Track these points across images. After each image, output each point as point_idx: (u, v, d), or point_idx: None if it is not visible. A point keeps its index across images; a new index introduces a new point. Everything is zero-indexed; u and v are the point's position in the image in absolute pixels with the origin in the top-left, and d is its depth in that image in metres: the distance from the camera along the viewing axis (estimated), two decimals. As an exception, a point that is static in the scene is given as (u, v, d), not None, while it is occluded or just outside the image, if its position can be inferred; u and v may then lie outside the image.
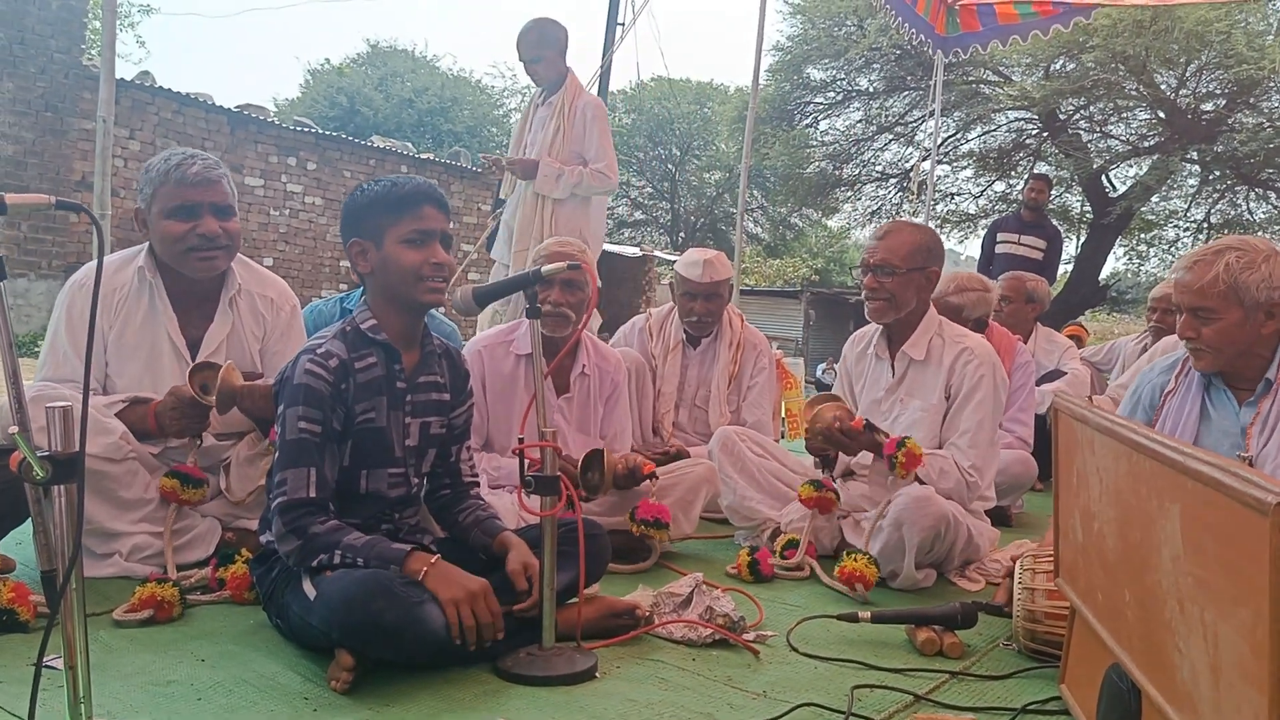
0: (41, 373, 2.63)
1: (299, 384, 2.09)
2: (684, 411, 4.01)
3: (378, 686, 1.92)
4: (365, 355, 2.18)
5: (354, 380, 2.15)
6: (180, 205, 2.59)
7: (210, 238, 2.61)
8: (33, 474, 1.39)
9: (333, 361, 2.11)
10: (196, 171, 2.60)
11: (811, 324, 25.82)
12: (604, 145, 4.75)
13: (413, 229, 2.15)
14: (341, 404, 2.13)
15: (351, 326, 2.21)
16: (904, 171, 20.82)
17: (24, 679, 1.81)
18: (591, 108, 4.75)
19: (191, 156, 2.64)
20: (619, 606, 2.35)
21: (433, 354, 2.33)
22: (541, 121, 4.83)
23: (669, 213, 37.12)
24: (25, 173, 11.26)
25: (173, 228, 2.60)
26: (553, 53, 4.72)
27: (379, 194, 2.17)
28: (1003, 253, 7.49)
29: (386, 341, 2.21)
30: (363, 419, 2.17)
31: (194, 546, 2.63)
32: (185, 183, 2.59)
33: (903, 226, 3.16)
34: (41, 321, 11.29)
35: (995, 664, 2.32)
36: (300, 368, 2.10)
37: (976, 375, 3.03)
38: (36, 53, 11.28)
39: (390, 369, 2.22)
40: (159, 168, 2.61)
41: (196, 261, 2.64)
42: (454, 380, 2.39)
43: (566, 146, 4.71)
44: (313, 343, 2.17)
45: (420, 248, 2.15)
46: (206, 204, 2.61)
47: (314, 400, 2.08)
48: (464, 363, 2.45)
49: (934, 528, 2.80)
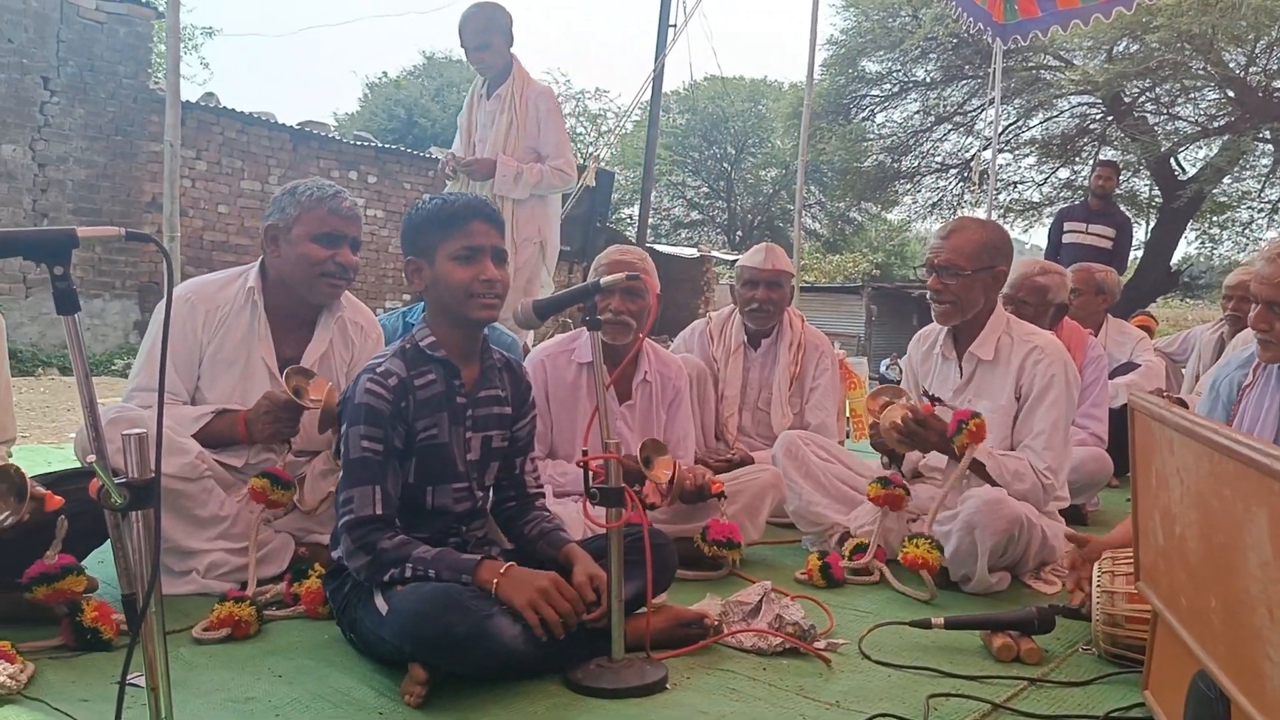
0: (134, 381, 2.74)
1: (360, 403, 2.12)
2: (747, 414, 3.99)
3: (451, 700, 1.94)
4: (425, 372, 2.20)
5: (414, 398, 2.17)
6: (328, 232, 2.72)
7: (345, 267, 2.76)
8: (111, 500, 1.43)
9: (392, 380, 2.14)
10: (348, 206, 2.79)
11: (874, 319, 25.53)
12: (560, 139, 4.53)
13: (462, 245, 2.16)
14: (402, 421, 2.15)
15: (410, 344, 2.23)
16: (964, 161, 20.50)
17: (108, 696, 1.87)
18: (544, 98, 4.53)
19: (343, 192, 2.81)
20: (687, 616, 2.34)
21: (493, 367, 2.35)
22: (490, 116, 4.56)
23: (725, 212, 37.03)
24: (98, 195, 11.60)
25: (315, 251, 2.71)
26: (500, 40, 4.48)
27: (430, 212, 2.19)
28: (1070, 242, 7.32)
29: (445, 358, 2.22)
30: (424, 436, 2.19)
31: (269, 561, 2.68)
32: (338, 213, 2.75)
33: (968, 224, 3.09)
34: (117, 340, 11.63)
35: (1075, 670, 2.26)
36: (360, 387, 2.13)
37: (1048, 374, 2.96)
38: (105, 79, 11.61)
39: (450, 385, 2.24)
40: (312, 193, 2.74)
41: (326, 286, 2.76)
42: (515, 393, 2.40)
43: (521, 142, 4.48)
44: (372, 362, 2.20)
45: (470, 264, 2.16)
46: (349, 236, 2.77)
47: (374, 419, 2.11)
48: (525, 375, 2.46)
49: (1007, 531, 2.74)
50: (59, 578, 2.12)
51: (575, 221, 9.63)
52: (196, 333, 2.72)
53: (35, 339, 10.86)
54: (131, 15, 11.88)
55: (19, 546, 2.12)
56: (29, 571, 2.11)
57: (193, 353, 2.72)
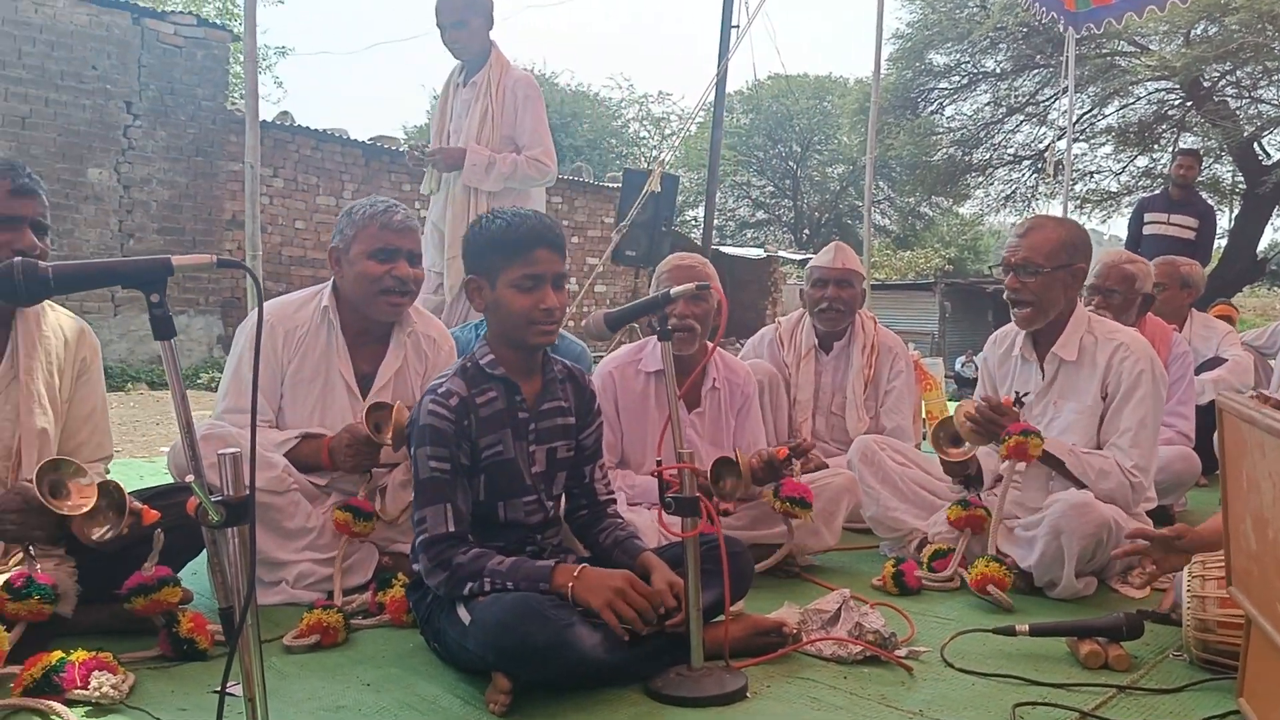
0: (223, 404, 2.82)
1: (424, 425, 2.16)
2: (820, 419, 3.96)
3: (534, 708, 1.96)
4: (486, 390, 2.24)
5: (476, 416, 2.20)
6: (382, 248, 2.75)
7: (403, 280, 2.78)
8: (208, 518, 1.49)
9: (453, 400, 2.17)
10: (400, 219, 2.79)
11: (948, 316, 25.11)
12: (539, 129, 4.22)
13: (524, 273, 2.17)
14: (466, 439, 2.19)
15: (471, 362, 2.26)
16: (1038, 152, 20.06)
17: (205, 705, 1.94)
18: (523, 85, 4.23)
19: (395, 205, 2.83)
20: (765, 624, 2.34)
21: (554, 380, 2.37)
22: (465, 105, 4.27)
23: (792, 210, 36.78)
24: (181, 215, 11.98)
25: (372, 268, 2.75)
26: (479, 20, 4.19)
27: (495, 234, 2.19)
28: (1151, 234, 7.12)
29: (505, 376, 2.26)
30: (489, 453, 2.23)
31: (354, 572, 2.75)
32: (390, 228, 2.76)
33: (1045, 222, 3.04)
34: (202, 355, 11.98)
35: (1166, 676, 2.21)
36: (424, 409, 2.17)
37: (1135, 371, 2.90)
38: (185, 101, 11.99)
39: (511, 401, 2.27)
40: (365, 211, 2.79)
41: (386, 304, 2.79)
42: (579, 403, 2.42)
43: (497, 132, 4.17)
44: (435, 382, 2.24)
45: (530, 293, 2.17)
46: (404, 250, 2.78)
47: (439, 439, 2.15)
48: (589, 384, 2.48)
49: (1094, 535, 2.68)
50: (156, 589, 2.20)
51: (641, 226, 9.63)
52: (277, 353, 2.79)
53: (124, 355, 11.26)
54: (209, 38, 12.28)
55: (118, 560, 2.21)
56: (127, 583, 2.20)
57: (274, 373, 2.79)
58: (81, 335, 2.52)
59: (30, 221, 2.29)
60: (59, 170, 10.83)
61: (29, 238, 2.27)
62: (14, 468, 2.32)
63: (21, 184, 2.27)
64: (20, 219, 2.27)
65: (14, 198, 2.26)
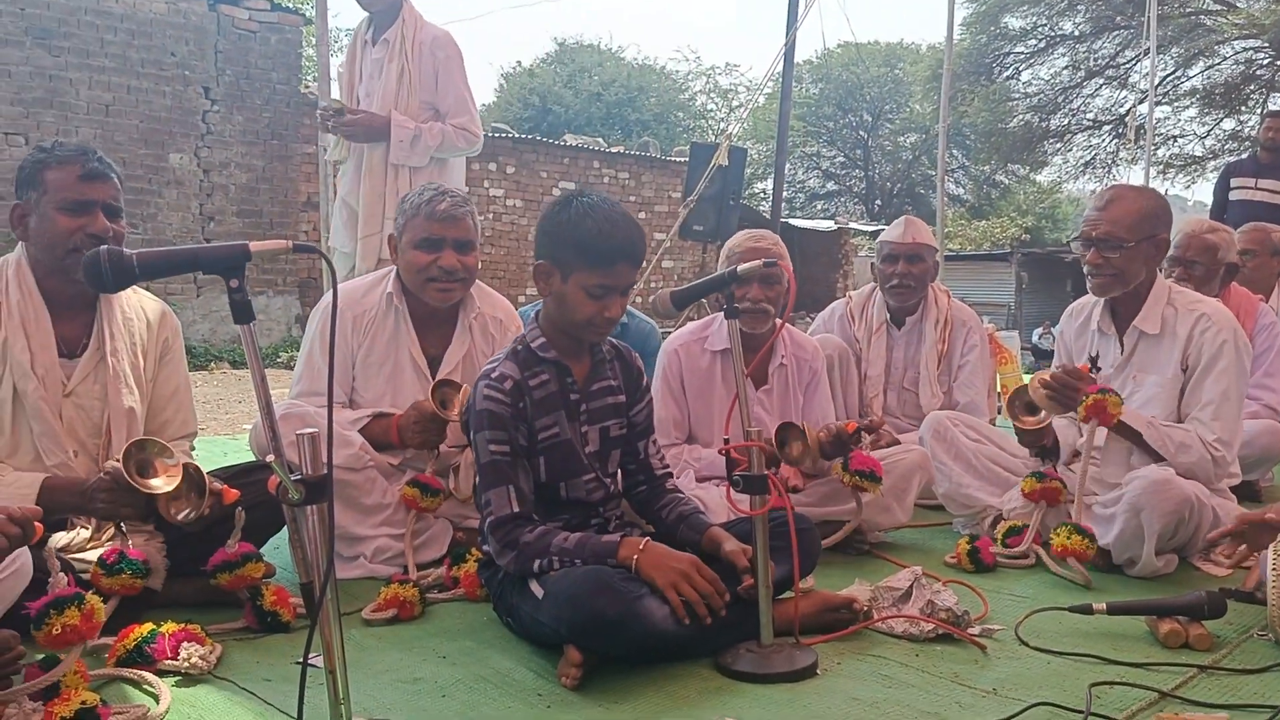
0: (298, 386, 2.89)
1: (481, 409, 2.19)
2: (892, 395, 3.91)
3: (606, 682, 1.99)
4: (538, 373, 2.26)
5: (530, 398, 2.23)
6: (426, 238, 2.78)
7: (449, 271, 2.79)
8: (289, 496, 1.53)
9: (507, 383, 2.20)
10: (444, 208, 2.79)
11: (1024, 287, 24.53)
12: (462, 93, 3.84)
13: (599, 283, 2.16)
14: (523, 421, 2.22)
15: (523, 345, 2.29)
16: (1119, 117, 19.46)
17: (289, 676, 2.00)
18: (442, 45, 3.80)
19: (442, 193, 2.83)
20: (836, 601, 2.34)
21: (603, 360, 2.38)
22: (377, 65, 3.83)
23: (863, 181, 36.27)
24: (258, 197, 12.27)
25: (417, 258, 2.79)
26: None
27: (584, 237, 2.14)
28: (1238, 199, 6.84)
29: (556, 359, 2.28)
30: (546, 435, 2.25)
31: (429, 547, 2.81)
32: (433, 218, 2.78)
33: (1125, 193, 2.94)
34: (280, 334, 12.29)
35: (1249, 657, 2.15)
36: (480, 393, 2.21)
37: (1217, 342, 2.80)
38: (260, 85, 12.25)
39: (563, 383, 2.29)
40: (413, 201, 2.83)
41: (435, 292, 2.83)
42: (627, 380, 2.43)
43: (414, 96, 3.77)
44: (488, 367, 2.27)
45: (600, 300, 2.18)
46: (450, 239, 2.79)
47: (497, 423, 2.18)
48: (635, 361, 2.48)
49: (1176, 512, 2.61)
50: (239, 565, 2.28)
51: (709, 201, 9.55)
52: (347, 337, 2.85)
53: (207, 335, 11.60)
54: (282, 23, 12.51)
55: (204, 536, 2.30)
56: (212, 560, 2.28)
57: (346, 357, 2.86)
58: (163, 317, 2.60)
59: (102, 205, 2.34)
60: (142, 156, 11.17)
61: (101, 221, 2.33)
62: (104, 446, 2.42)
63: (92, 168, 2.33)
64: (92, 203, 2.33)
65: (84, 182, 2.32)
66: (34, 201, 2.32)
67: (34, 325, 2.33)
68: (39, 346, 2.33)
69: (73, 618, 1.71)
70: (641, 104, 30.93)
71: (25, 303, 2.33)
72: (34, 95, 10.58)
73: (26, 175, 2.33)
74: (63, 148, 2.36)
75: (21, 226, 2.36)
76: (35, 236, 2.33)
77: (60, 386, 2.37)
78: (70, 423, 2.38)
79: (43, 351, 2.34)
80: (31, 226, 2.33)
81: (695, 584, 2.05)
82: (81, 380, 2.39)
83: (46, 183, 2.30)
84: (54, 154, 2.33)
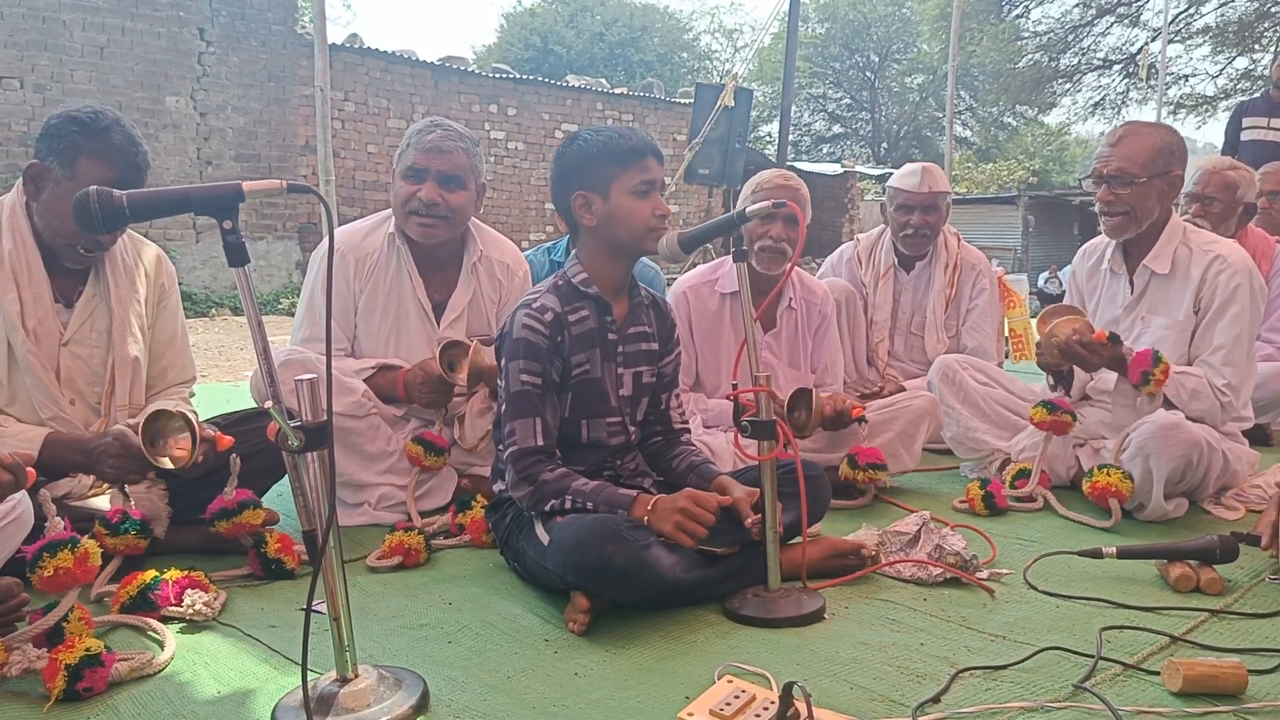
0: (299, 333, 2.81)
1: (518, 338, 2.16)
2: (899, 340, 3.86)
3: (612, 627, 1.98)
4: (578, 308, 2.23)
5: (569, 333, 2.20)
6: (410, 167, 2.71)
7: (429, 204, 2.69)
8: (288, 443, 1.50)
9: (548, 315, 2.17)
10: (433, 139, 2.70)
11: (1031, 230, 24.33)
12: None
13: (639, 180, 2.17)
14: (559, 355, 2.19)
15: (564, 280, 2.25)
16: (1130, 56, 19.14)
17: (294, 622, 2.00)
18: None
19: (435, 125, 2.74)
20: (844, 546, 2.32)
21: (641, 305, 2.36)
22: None
23: (869, 123, 35.84)
24: (256, 141, 12.13)
25: (403, 188, 2.72)
26: None
27: (603, 146, 2.18)
28: (1250, 139, 6.71)
29: (598, 294, 2.24)
30: (579, 371, 2.23)
31: (434, 494, 2.80)
32: (421, 148, 2.70)
33: (1138, 128, 2.87)
34: (281, 280, 12.24)
35: (1261, 601, 2.13)
36: (518, 322, 2.17)
37: (1231, 285, 2.75)
38: (256, 26, 12.05)
39: (602, 320, 2.26)
40: (410, 130, 2.76)
41: (416, 227, 2.73)
42: (661, 329, 2.41)
43: None
44: (528, 297, 2.24)
45: (647, 198, 2.18)
46: (433, 170, 2.70)
47: (533, 353, 2.15)
48: (670, 312, 2.47)
49: (1184, 457, 2.59)
50: (237, 513, 2.27)
51: (714, 143, 9.41)
52: (349, 281, 2.78)
53: (208, 281, 11.55)
54: (277, -38, 12.26)
55: (206, 484, 2.29)
56: (210, 507, 2.27)
57: (347, 302, 2.79)
58: (159, 262, 2.55)
59: None
60: (138, 99, 11.03)
61: None
62: (107, 395, 2.39)
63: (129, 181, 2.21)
64: None
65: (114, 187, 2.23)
66: (56, 177, 2.21)
67: (26, 275, 2.26)
68: (31, 296, 2.27)
69: (66, 560, 1.69)
70: (645, 44, 30.49)
71: (18, 251, 2.26)
72: (28, 38, 10.43)
73: (59, 145, 2.20)
74: (105, 134, 2.20)
75: (34, 185, 2.25)
76: (45, 207, 2.24)
77: (57, 335, 2.32)
78: (68, 372, 2.34)
79: (35, 301, 2.28)
80: (45, 195, 2.24)
81: (695, 514, 2.04)
82: (79, 328, 2.35)
83: (78, 170, 2.19)
84: (93, 141, 2.19)
